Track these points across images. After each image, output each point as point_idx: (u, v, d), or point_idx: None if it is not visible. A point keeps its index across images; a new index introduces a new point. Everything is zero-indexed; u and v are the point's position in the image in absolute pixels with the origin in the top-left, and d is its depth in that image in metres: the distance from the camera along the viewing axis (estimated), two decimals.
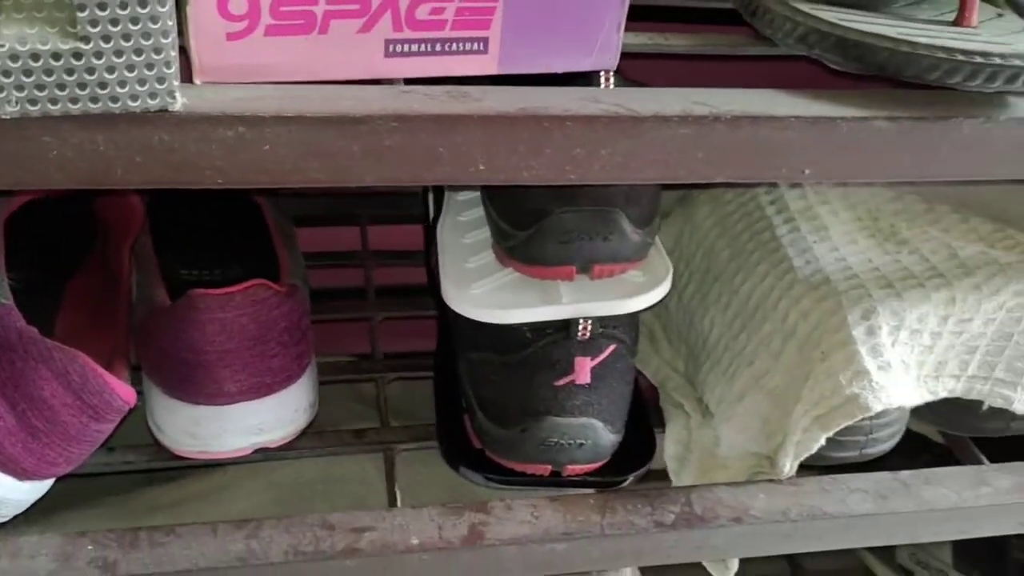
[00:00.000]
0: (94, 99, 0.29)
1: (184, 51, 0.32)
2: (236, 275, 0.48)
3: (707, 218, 0.53)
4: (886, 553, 0.70)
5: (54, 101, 0.29)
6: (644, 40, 0.40)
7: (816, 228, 0.49)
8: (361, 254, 0.65)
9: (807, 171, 0.36)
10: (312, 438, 0.50)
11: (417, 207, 0.66)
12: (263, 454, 0.48)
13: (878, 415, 0.46)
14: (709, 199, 0.54)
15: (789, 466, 0.47)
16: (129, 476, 0.58)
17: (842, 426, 0.44)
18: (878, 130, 0.35)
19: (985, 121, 0.36)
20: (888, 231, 0.50)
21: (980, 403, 0.48)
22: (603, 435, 0.45)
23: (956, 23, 0.39)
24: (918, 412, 0.51)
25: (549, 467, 0.46)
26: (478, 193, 0.51)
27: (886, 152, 0.36)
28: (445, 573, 0.45)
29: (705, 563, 0.51)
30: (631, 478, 0.48)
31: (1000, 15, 0.42)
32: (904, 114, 0.35)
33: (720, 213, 0.53)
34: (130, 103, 0.30)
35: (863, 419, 0.46)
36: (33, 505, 0.44)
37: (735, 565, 0.50)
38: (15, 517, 0.44)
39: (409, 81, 0.35)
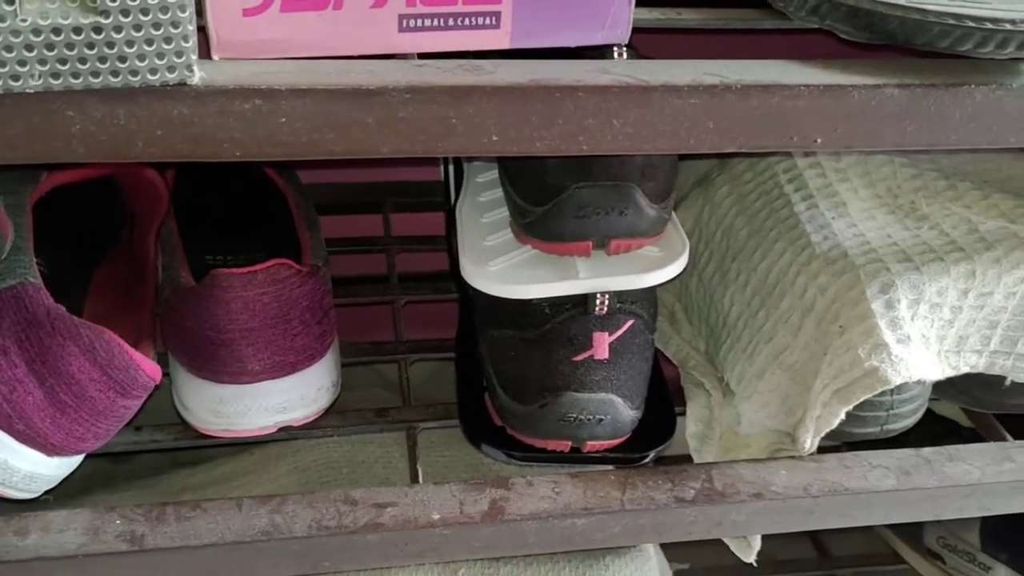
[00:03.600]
0: (115, 73, 0.30)
1: (202, 29, 0.33)
2: (259, 259, 0.48)
3: (726, 197, 0.53)
4: (913, 537, 0.69)
5: (76, 75, 0.30)
6: (657, 15, 0.41)
7: (835, 205, 0.49)
8: (384, 240, 0.66)
9: (818, 140, 0.36)
10: (335, 417, 0.51)
11: (438, 194, 0.67)
12: (287, 433, 0.49)
13: (899, 390, 0.46)
14: (728, 179, 0.54)
15: (810, 442, 0.47)
16: (156, 460, 0.59)
17: (862, 399, 0.44)
18: (889, 97, 0.35)
19: (997, 88, 0.36)
20: (908, 207, 0.50)
21: (1002, 378, 0.48)
22: (622, 411, 0.45)
23: None
24: (940, 389, 0.51)
25: (569, 443, 0.46)
26: (496, 175, 0.52)
27: (897, 120, 0.36)
28: (466, 548, 0.45)
29: (727, 541, 0.51)
30: (652, 455, 0.48)
31: None
32: (915, 81, 0.36)
33: (738, 192, 0.53)
34: (150, 77, 0.31)
35: (884, 394, 0.46)
36: (63, 488, 0.45)
37: (757, 543, 0.50)
38: (46, 495, 0.45)
39: (422, 56, 0.35)
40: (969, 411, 0.56)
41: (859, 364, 0.43)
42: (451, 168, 0.61)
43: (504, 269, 0.45)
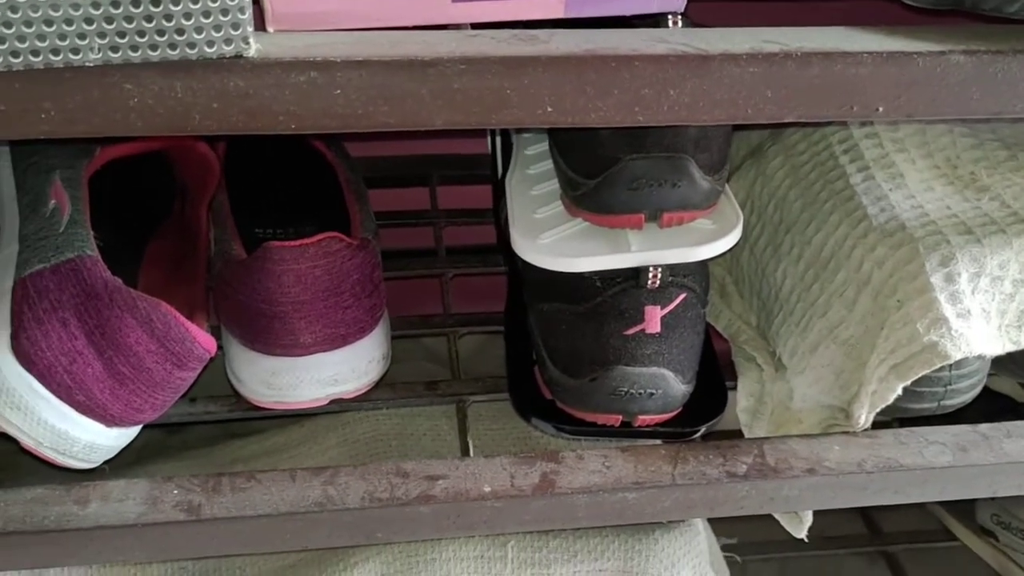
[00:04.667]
0: (172, 46, 0.30)
1: (256, 2, 0.33)
2: (308, 232, 0.49)
3: (779, 169, 0.52)
4: (966, 514, 0.68)
5: (135, 48, 0.30)
6: None
7: (892, 176, 0.48)
8: (431, 213, 0.66)
9: (880, 108, 0.35)
10: (385, 390, 0.51)
11: (485, 167, 0.67)
12: (337, 405, 0.49)
13: (957, 365, 0.45)
14: (781, 150, 0.53)
15: (864, 417, 0.46)
16: (209, 431, 0.60)
17: (919, 375, 0.43)
18: (955, 64, 0.34)
19: None
20: (967, 179, 0.49)
21: None
22: (674, 385, 0.45)
23: None
24: (998, 364, 0.50)
25: (620, 417, 0.46)
26: (546, 147, 0.51)
27: (962, 88, 0.35)
28: (517, 521, 0.45)
29: (778, 517, 0.51)
30: (703, 429, 0.48)
31: None
32: (982, 48, 0.34)
33: (792, 164, 0.52)
34: (206, 49, 0.31)
35: (942, 369, 0.45)
36: (118, 458, 0.46)
37: (808, 519, 0.50)
38: (103, 465, 0.45)
39: (476, 26, 0.35)
40: None
41: (917, 339, 0.43)
42: (498, 141, 0.61)
43: (555, 242, 0.44)
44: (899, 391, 0.44)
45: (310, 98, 0.32)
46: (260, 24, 0.33)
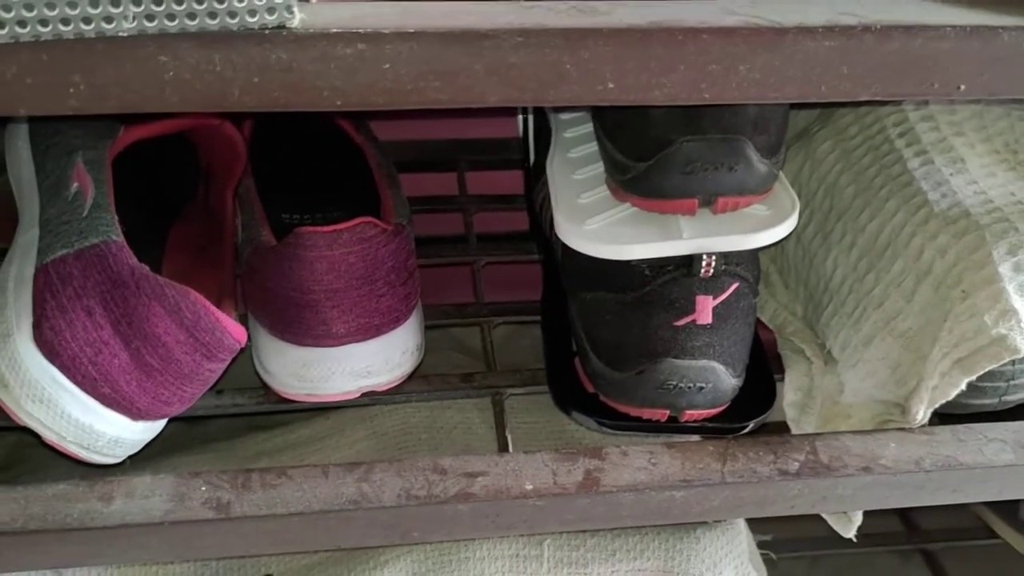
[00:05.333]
0: (212, 15, 0.28)
1: None
2: (338, 217, 0.47)
3: (829, 153, 0.50)
4: (1008, 511, 0.66)
5: (171, 17, 0.28)
6: None
7: (951, 160, 0.46)
8: (460, 199, 0.64)
9: (962, 86, 0.33)
10: (419, 382, 0.49)
11: (514, 152, 0.65)
12: (371, 398, 0.48)
13: (1021, 359, 0.43)
14: (831, 133, 0.51)
15: (923, 413, 0.44)
16: (232, 423, 0.58)
17: (986, 369, 0.41)
18: None
19: None
20: None
21: None
22: (724, 379, 0.43)
23: None
24: None
25: (667, 412, 0.44)
26: (587, 130, 0.49)
27: None
28: (560, 519, 0.43)
29: (826, 516, 0.49)
30: (751, 425, 0.46)
31: None
32: None
33: (843, 148, 0.50)
34: (248, 19, 0.28)
35: (1004, 364, 0.43)
36: (142, 449, 0.44)
37: (858, 519, 0.48)
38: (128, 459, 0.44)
39: None
40: None
41: (985, 331, 0.41)
42: (531, 123, 0.59)
43: (602, 228, 0.42)
44: (963, 387, 0.42)
45: (357, 73, 0.30)
46: None
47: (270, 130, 0.53)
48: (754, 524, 0.60)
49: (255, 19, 0.28)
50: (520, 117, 0.60)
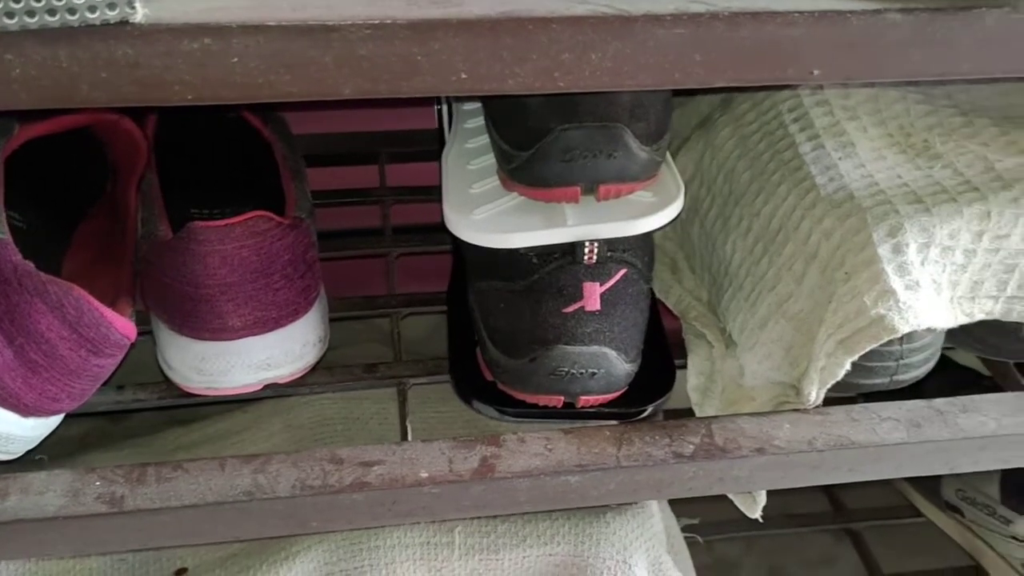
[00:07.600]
0: (51, 11, 0.28)
1: None
2: (244, 211, 0.47)
3: (728, 139, 0.51)
4: (930, 490, 0.67)
5: (10, 15, 0.28)
6: None
7: (842, 145, 0.47)
8: (379, 191, 0.64)
9: (815, 71, 0.34)
10: (324, 373, 0.49)
11: (435, 143, 0.65)
12: (280, 390, 0.48)
13: (909, 339, 0.44)
14: (730, 119, 0.51)
15: (815, 394, 0.45)
16: (154, 418, 0.59)
17: (868, 349, 0.41)
18: (891, 24, 0.33)
19: (1011, 11, 0.33)
20: (921, 146, 0.47)
21: (1020, 325, 0.46)
22: (616, 364, 0.43)
23: None
24: (954, 337, 0.49)
25: (561, 398, 0.44)
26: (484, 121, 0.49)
27: (900, 48, 0.33)
28: (456, 507, 0.44)
29: (732, 497, 0.50)
30: (650, 409, 0.46)
31: None
32: (920, 5, 0.33)
33: (741, 134, 0.50)
34: (88, 15, 0.29)
35: (893, 344, 0.44)
36: (60, 447, 0.44)
37: (762, 499, 0.49)
38: (40, 456, 0.44)
39: None
40: (987, 360, 0.54)
41: (865, 312, 0.41)
42: (445, 114, 0.59)
43: (489, 217, 0.43)
44: (848, 366, 0.42)
45: (205, 67, 0.30)
46: None
47: (175, 125, 0.54)
48: (681, 507, 0.61)
49: (95, 15, 0.29)
50: (436, 108, 0.60)
